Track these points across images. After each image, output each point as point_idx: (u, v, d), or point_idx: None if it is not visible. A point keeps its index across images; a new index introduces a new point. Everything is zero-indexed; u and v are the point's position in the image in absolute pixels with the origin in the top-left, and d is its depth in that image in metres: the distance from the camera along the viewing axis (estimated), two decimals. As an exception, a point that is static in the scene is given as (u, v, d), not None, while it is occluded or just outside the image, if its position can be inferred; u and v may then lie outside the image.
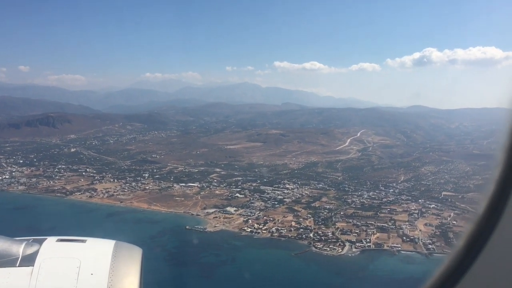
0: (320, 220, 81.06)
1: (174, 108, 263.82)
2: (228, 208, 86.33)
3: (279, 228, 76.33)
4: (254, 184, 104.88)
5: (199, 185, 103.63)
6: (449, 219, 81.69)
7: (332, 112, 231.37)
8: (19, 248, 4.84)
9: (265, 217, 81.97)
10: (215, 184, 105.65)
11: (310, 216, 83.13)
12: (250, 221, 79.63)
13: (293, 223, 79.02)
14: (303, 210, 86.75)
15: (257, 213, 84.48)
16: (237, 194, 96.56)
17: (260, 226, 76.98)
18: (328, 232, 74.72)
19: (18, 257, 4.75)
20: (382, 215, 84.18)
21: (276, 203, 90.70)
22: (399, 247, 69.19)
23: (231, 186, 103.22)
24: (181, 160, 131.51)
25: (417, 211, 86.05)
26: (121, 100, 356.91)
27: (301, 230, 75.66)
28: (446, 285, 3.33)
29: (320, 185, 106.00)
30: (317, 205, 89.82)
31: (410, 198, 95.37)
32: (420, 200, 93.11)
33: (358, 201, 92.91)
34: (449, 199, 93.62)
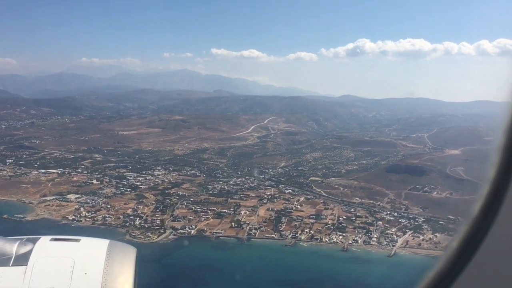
0: (161, 207, 77.38)
1: (97, 94, 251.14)
2: (70, 196, 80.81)
3: (107, 216, 71.83)
4: (122, 171, 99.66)
5: (59, 172, 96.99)
6: (295, 203, 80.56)
7: (256, 100, 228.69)
8: (12, 247, 4.75)
9: (103, 205, 77.20)
10: (80, 170, 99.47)
11: (154, 203, 79.23)
12: (82, 208, 74.54)
13: (129, 211, 74.83)
14: (152, 197, 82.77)
15: (99, 200, 79.50)
16: (94, 181, 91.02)
17: (88, 214, 72.16)
18: (157, 219, 71.13)
19: (12, 257, 4.67)
20: (232, 201, 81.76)
21: (129, 190, 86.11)
22: (221, 232, 66.80)
23: (94, 172, 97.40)
24: (63, 145, 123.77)
25: (270, 196, 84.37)
26: (51, 85, 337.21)
27: (131, 217, 71.60)
28: (440, 287, 3.24)
29: (193, 171, 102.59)
30: (172, 192, 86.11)
31: (273, 183, 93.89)
32: (281, 186, 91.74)
33: (219, 188, 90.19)
34: (311, 184, 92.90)
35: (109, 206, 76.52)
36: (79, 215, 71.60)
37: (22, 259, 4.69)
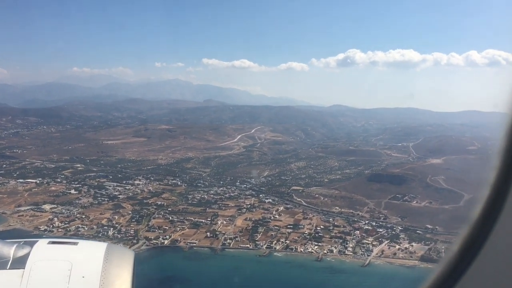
0: (137, 217, 76.23)
1: (86, 103, 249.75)
2: (45, 206, 79.45)
3: (81, 226, 70.57)
4: (102, 180, 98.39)
5: (38, 181, 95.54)
6: (274, 213, 79.74)
7: (245, 110, 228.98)
8: (10, 250, 4.76)
9: (78, 215, 75.92)
10: (59, 180, 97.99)
11: (130, 213, 78.05)
12: (56, 219, 73.22)
13: (104, 221, 73.63)
14: (129, 207, 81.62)
15: (74, 210, 78.21)
16: (72, 191, 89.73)
17: (61, 224, 70.87)
18: (131, 230, 69.99)
19: (9, 260, 4.67)
20: (210, 210, 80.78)
21: (106, 199, 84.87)
22: (195, 243, 65.78)
23: (74, 182, 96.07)
24: (45, 155, 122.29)
25: (249, 206, 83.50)
26: (41, 95, 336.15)
27: (105, 227, 70.44)
28: None
29: (174, 181, 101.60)
30: (150, 202, 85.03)
31: (254, 193, 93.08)
32: (261, 195, 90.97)
33: (199, 197, 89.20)
34: (292, 194, 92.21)
35: (84, 216, 75.27)
36: (51, 226, 70.29)
37: (19, 262, 4.63)
